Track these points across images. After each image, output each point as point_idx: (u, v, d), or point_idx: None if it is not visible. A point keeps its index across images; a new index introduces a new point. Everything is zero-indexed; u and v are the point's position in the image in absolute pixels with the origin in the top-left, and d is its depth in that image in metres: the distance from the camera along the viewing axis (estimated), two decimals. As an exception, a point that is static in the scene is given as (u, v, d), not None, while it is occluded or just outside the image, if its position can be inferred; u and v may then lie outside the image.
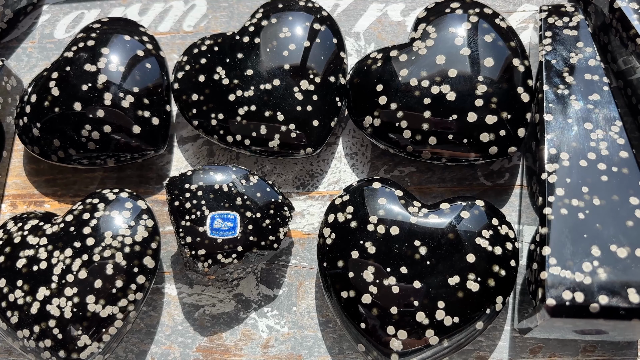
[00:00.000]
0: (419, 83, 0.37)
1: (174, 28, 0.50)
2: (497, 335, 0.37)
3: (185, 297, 0.40)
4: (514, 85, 0.37)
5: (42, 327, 0.34)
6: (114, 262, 0.35)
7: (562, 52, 0.38)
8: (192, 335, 0.39)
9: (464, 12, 0.39)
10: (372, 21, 0.47)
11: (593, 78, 0.36)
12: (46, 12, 0.52)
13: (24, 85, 0.48)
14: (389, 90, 0.38)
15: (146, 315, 0.40)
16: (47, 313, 0.34)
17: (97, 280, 0.34)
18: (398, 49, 0.39)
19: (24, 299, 0.35)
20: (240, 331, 0.39)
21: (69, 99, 0.40)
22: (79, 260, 0.35)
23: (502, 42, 0.38)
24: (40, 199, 0.44)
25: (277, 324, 0.38)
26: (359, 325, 0.33)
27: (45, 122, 0.40)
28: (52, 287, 0.35)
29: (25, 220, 0.38)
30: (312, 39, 0.41)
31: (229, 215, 0.36)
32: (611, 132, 0.34)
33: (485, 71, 0.37)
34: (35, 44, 0.51)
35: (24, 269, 0.35)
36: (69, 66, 0.41)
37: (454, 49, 0.37)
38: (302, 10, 0.42)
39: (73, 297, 0.34)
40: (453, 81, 0.37)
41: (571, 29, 0.39)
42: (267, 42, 0.41)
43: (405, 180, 0.42)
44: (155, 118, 0.41)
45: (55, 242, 0.36)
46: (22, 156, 0.46)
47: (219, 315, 0.39)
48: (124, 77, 0.41)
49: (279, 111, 0.39)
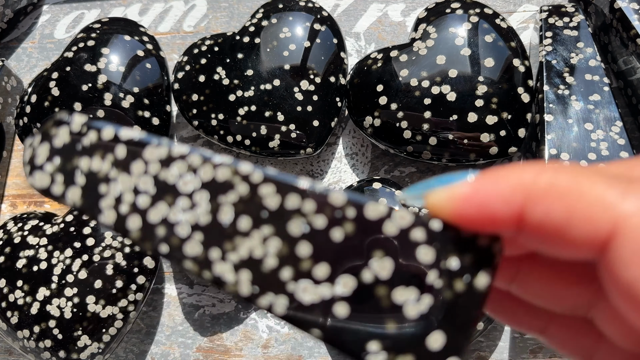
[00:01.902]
0: (419, 83, 0.37)
1: (174, 28, 0.50)
2: (497, 336, 0.37)
3: (185, 298, 0.40)
4: (515, 86, 0.37)
5: (42, 327, 0.34)
6: (114, 262, 0.35)
7: (563, 53, 0.38)
8: (192, 335, 0.39)
9: (464, 12, 0.39)
10: (373, 21, 0.47)
11: (593, 78, 0.36)
12: (46, 12, 0.52)
13: (24, 85, 0.48)
14: (389, 91, 0.38)
15: (146, 316, 0.40)
16: (47, 313, 0.34)
17: (97, 280, 0.34)
18: (398, 49, 0.39)
19: (24, 299, 0.35)
20: (240, 331, 0.39)
21: (69, 99, 0.40)
22: (79, 261, 0.35)
23: (503, 43, 0.38)
24: (40, 199, 0.44)
25: (278, 324, 0.38)
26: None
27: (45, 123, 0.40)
28: (52, 287, 0.35)
29: (25, 220, 0.38)
30: (313, 39, 0.41)
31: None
32: (612, 132, 0.34)
33: (485, 71, 0.37)
34: (36, 44, 0.51)
35: (24, 269, 0.35)
36: (69, 66, 0.41)
37: (454, 49, 0.37)
38: (303, 11, 0.42)
39: (73, 297, 0.34)
40: (453, 81, 0.37)
41: (571, 29, 0.39)
42: (267, 43, 0.41)
43: (406, 180, 0.42)
44: (156, 118, 0.41)
45: (55, 242, 0.36)
46: (22, 156, 0.46)
47: (219, 315, 0.39)
48: (124, 77, 0.41)
49: (279, 111, 0.39)
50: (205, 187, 0.14)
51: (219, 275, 0.14)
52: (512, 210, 0.12)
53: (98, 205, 0.15)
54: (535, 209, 0.12)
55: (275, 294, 0.13)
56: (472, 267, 0.13)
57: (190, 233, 0.14)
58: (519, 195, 0.12)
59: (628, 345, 0.14)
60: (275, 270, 0.14)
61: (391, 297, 0.13)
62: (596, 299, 0.15)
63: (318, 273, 0.13)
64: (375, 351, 0.13)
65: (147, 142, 0.15)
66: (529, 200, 0.12)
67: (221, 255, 0.14)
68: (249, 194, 0.14)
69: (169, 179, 0.15)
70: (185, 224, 0.14)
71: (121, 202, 0.15)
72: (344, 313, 0.13)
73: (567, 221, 0.12)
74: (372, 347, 0.13)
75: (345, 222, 0.14)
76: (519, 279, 0.16)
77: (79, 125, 0.16)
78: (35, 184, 0.16)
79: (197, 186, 0.14)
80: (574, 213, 0.12)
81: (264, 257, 0.14)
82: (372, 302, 0.13)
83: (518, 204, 0.12)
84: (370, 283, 0.13)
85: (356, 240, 0.13)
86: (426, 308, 0.13)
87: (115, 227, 0.15)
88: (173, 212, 0.14)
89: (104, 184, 0.15)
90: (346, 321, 0.13)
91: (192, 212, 0.14)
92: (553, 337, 0.16)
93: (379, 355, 0.13)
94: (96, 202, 0.15)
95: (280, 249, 0.14)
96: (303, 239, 0.14)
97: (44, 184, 0.16)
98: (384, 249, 0.13)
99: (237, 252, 0.14)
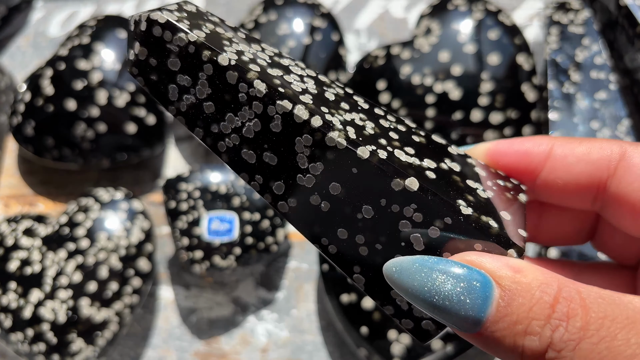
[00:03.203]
0: (422, 81, 0.36)
1: (171, 25, 0.49)
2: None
3: (181, 300, 0.39)
4: (519, 83, 0.36)
5: (36, 330, 0.33)
6: (109, 264, 0.34)
7: (568, 50, 0.37)
8: (189, 339, 0.38)
9: (468, 8, 0.38)
10: (374, 17, 0.47)
11: (599, 76, 0.36)
12: (40, 9, 0.51)
13: (18, 83, 0.47)
14: (391, 88, 0.37)
15: (142, 319, 0.39)
16: (41, 316, 0.33)
17: (92, 283, 0.34)
18: (400, 46, 0.39)
19: (17, 302, 0.34)
20: (238, 335, 0.38)
21: (64, 97, 0.39)
22: (74, 263, 0.34)
23: (507, 40, 0.37)
24: (34, 200, 0.44)
25: (276, 327, 0.38)
26: (360, 330, 0.33)
27: (39, 121, 0.39)
28: (46, 289, 0.34)
29: (18, 221, 0.37)
30: (312, 36, 0.40)
31: (227, 216, 0.35)
32: (617, 131, 0.34)
33: (489, 69, 0.36)
34: (29, 42, 0.50)
35: (17, 271, 0.35)
36: (63, 64, 0.40)
37: (457, 46, 0.37)
38: (302, 7, 0.41)
39: (67, 300, 0.33)
40: (457, 79, 0.36)
41: (577, 26, 0.38)
42: (265, 39, 0.40)
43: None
44: (151, 117, 0.40)
45: (49, 243, 0.35)
46: (15, 156, 0.45)
47: (216, 318, 0.38)
48: (120, 74, 0.40)
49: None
50: (311, 77, 0.17)
51: (329, 120, 0.15)
52: (542, 152, 0.17)
53: (221, 46, 0.16)
54: (563, 148, 0.17)
55: (375, 147, 0.15)
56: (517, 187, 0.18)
57: (302, 91, 0.16)
58: (546, 142, 0.18)
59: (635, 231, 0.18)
60: (374, 135, 0.16)
61: (466, 182, 0.16)
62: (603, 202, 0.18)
63: (407, 151, 0.16)
64: (465, 206, 0.15)
65: (259, 39, 0.18)
66: (556, 143, 0.17)
67: (329, 111, 0.15)
68: (345, 95, 0.17)
69: (283, 62, 0.17)
70: (297, 85, 0.16)
71: (242, 54, 0.16)
72: (433, 176, 0.15)
73: (589, 150, 0.17)
74: (461, 204, 0.15)
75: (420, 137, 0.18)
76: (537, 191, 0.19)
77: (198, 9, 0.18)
78: (161, 16, 0.16)
79: (305, 74, 0.17)
80: (593, 147, 0.17)
81: (364, 127, 0.16)
82: (452, 181, 0.16)
83: (547, 145, 0.17)
84: (448, 170, 0.16)
85: (430, 146, 0.17)
86: (491, 195, 0.16)
87: (234, 66, 0.15)
88: (287, 77, 0.16)
89: (227, 41, 0.16)
90: (436, 182, 0.15)
91: (303, 84, 0.16)
92: None
93: (469, 209, 0.14)
94: (219, 45, 0.16)
95: (375, 129, 0.16)
96: (392, 131, 0.17)
97: (172, 17, 0.16)
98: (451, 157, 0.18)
99: (342, 115, 0.16)
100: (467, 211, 0.14)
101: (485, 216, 0.14)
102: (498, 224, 0.14)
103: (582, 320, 0.12)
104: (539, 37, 0.40)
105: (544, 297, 0.13)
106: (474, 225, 0.14)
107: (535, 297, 0.13)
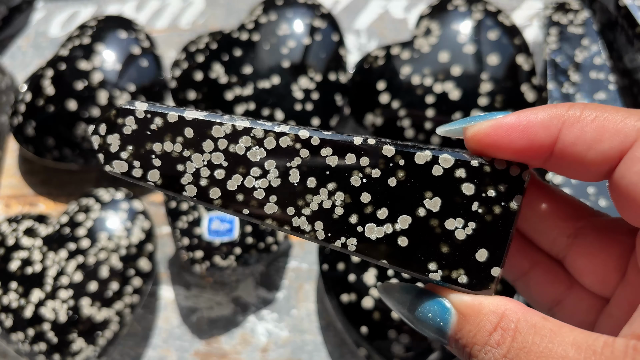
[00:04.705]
0: (421, 81, 0.36)
1: (171, 25, 0.49)
2: None
3: (182, 300, 0.39)
4: (519, 84, 0.36)
5: (37, 330, 0.33)
6: (110, 264, 0.34)
7: (568, 50, 0.37)
8: (189, 338, 0.38)
9: (467, 9, 0.38)
10: (374, 18, 0.47)
11: (599, 76, 0.36)
12: (41, 10, 0.51)
13: (19, 83, 0.47)
14: (391, 89, 0.37)
15: (142, 319, 0.39)
16: (42, 316, 0.33)
17: (93, 282, 0.34)
18: (400, 47, 0.39)
19: (18, 302, 0.34)
20: (238, 334, 0.38)
21: (64, 97, 0.39)
22: (74, 263, 0.34)
23: (507, 40, 0.37)
24: (34, 200, 0.44)
25: (277, 327, 0.38)
26: (360, 329, 0.33)
27: (40, 121, 0.39)
28: (46, 289, 0.34)
29: (19, 221, 0.38)
30: (312, 36, 0.40)
31: (227, 216, 0.35)
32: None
33: (489, 69, 0.36)
34: (30, 42, 0.50)
35: (18, 271, 0.35)
36: (64, 64, 0.40)
37: (457, 46, 0.37)
38: (302, 7, 0.41)
39: (68, 300, 0.33)
40: (457, 79, 0.36)
41: (577, 27, 0.38)
42: (266, 40, 0.40)
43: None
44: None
45: (50, 243, 0.35)
46: (16, 156, 0.45)
47: (216, 318, 0.38)
48: (120, 75, 0.40)
49: (277, 110, 0.39)
50: (271, 155, 0.17)
51: (297, 226, 0.16)
52: (550, 135, 0.15)
53: (179, 182, 0.17)
54: (571, 129, 0.15)
55: (346, 237, 0.16)
56: (507, 193, 0.16)
57: (265, 196, 0.16)
58: (557, 121, 0.15)
59: (595, 287, 0.18)
60: (343, 217, 0.16)
61: (443, 226, 0.16)
62: (576, 234, 0.18)
63: (380, 215, 0.16)
64: (435, 269, 0.16)
65: (212, 121, 0.17)
66: (566, 123, 0.15)
67: (295, 212, 0.16)
68: (311, 156, 0.17)
69: (238, 151, 0.17)
70: (260, 189, 0.17)
71: (200, 177, 0.17)
72: (405, 244, 0.16)
73: (600, 136, 0.15)
74: (431, 267, 0.16)
75: (397, 170, 0.16)
76: (523, 211, 0.19)
77: (143, 112, 0.17)
78: (115, 170, 0.17)
79: (264, 155, 0.17)
80: (604, 129, 0.15)
81: (332, 208, 0.16)
82: (428, 232, 0.16)
83: (556, 128, 0.15)
84: (424, 217, 0.16)
85: (408, 184, 0.16)
86: (471, 231, 0.16)
87: (198, 199, 0.17)
88: (247, 180, 0.17)
89: (180, 163, 0.17)
90: (408, 250, 0.16)
91: (265, 178, 0.17)
92: (532, 281, 0.20)
93: (438, 273, 0.16)
94: (176, 180, 0.17)
95: (345, 200, 0.16)
96: (363, 189, 0.16)
97: (124, 169, 0.17)
98: (432, 189, 0.16)
99: (309, 207, 0.16)
100: (436, 276, 0.16)
101: (456, 271, 0.16)
102: (468, 276, 0.16)
103: (505, 348, 0.14)
104: (539, 37, 0.41)
105: (487, 326, 0.15)
106: (445, 281, 0.16)
107: (480, 324, 0.15)
